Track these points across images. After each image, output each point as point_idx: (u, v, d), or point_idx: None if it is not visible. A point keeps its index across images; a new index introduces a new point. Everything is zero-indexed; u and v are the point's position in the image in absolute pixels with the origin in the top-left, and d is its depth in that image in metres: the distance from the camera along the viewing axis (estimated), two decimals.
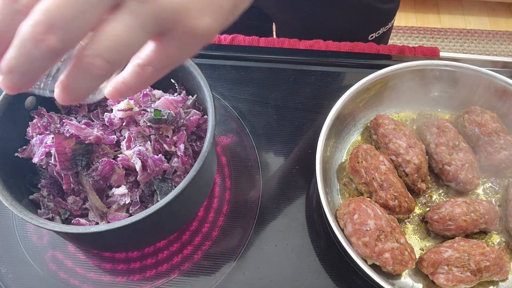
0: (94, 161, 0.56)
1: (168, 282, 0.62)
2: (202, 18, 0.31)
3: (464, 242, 0.60)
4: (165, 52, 0.32)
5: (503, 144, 0.66)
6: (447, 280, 0.58)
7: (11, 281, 0.62)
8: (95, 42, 0.28)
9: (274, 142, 0.74)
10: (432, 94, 0.74)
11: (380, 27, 0.95)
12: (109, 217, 0.57)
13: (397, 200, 0.62)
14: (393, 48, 0.84)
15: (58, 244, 0.65)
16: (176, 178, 0.59)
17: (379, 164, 0.64)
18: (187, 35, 0.32)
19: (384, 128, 0.68)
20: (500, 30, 2.20)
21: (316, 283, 0.62)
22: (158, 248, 0.65)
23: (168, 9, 0.30)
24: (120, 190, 0.57)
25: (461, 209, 0.61)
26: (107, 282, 0.62)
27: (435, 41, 2.18)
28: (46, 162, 0.57)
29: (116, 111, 0.59)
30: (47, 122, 0.60)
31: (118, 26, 0.28)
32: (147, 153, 0.57)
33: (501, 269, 0.59)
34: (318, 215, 0.67)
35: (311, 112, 0.77)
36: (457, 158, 0.66)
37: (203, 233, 0.66)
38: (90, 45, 0.28)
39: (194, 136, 0.63)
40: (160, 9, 0.29)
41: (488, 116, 0.69)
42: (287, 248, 0.64)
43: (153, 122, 0.58)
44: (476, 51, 2.14)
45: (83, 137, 0.56)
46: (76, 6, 0.27)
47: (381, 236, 0.57)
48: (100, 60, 0.29)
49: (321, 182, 0.60)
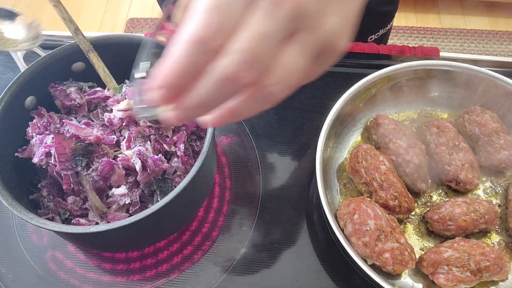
0: (94, 161, 0.56)
1: (168, 282, 0.62)
2: (346, 37, 0.35)
3: (464, 242, 0.60)
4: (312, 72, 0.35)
5: (503, 144, 0.66)
6: (447, 280, 0.58)
7: (11, 281, 0.62)
8: (273, 72, 0.30)
9: (274, 142, 0.74)
10: (432, 94, 0.74)
11: (379, 29, 0.95)
12: (109, 217, 0.57)
13: (397, 200, 0.62)
14: (393, 48, 0.84)
15: (58, 244, 0.65)
16: (176, 178, 0.59)
17: (379, 164, 0.64)
18: (335, 54, 0.35)
19: (384, 128, 0.68)
20: (500, 30, 2.20)
21: (316, 283, 0.62)
22: (158, 248, 0.65)
23: (328, 36, 0.33)
24: (120, 190, 0.57)
25: (461, 209, 0.61)
26: (107, 282, 0.62)
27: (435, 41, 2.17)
28: (46, 162, 0.57)
29: (116, 111, 0.59)
30: (47, 122, 0.60)
31: (292, 55, 0.31)
32: (147, 153, 0.57)
33: (501, 269, 0.59)
34: (318, 215, 0.67)
35: (311, 112, 0.77)
36: (457, 158, 0.66)
37: (203, 233, 0.66)
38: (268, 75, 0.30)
39: (194, 136, 0.63)
40: (323, 37, 0.33)
41: (488, 116, 0.69)
42: (287, 248, 0.64)
43: (153, 122, 0.58)
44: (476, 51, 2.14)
45: (83, 137, 0.56)
46: (269, 44, 0.29)
47: (381, 236, 0.57)
48: (277, 88, 0.31)
49: (321, 182, 0.60)
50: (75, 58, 0.63)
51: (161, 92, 0.30)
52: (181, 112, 0.31)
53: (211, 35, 0.28)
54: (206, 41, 0.28)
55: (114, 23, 2.28)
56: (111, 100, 0.62)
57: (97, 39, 0.63)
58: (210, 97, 0.30)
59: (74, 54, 0.62)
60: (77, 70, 0.65)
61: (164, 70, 0.29)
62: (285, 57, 0.31)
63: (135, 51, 0.58)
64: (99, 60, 0.63)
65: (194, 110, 0.31)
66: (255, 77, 0.29)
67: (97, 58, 0.62)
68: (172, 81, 0.29)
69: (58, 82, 0.64)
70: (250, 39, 0.29)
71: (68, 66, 0.64)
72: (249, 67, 0.29)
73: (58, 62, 0.62)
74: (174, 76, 0.29)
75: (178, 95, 0.30)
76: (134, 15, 2.30)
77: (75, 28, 0.60)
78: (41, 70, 0.61)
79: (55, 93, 0.63)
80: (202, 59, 0.29)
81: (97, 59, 0.62)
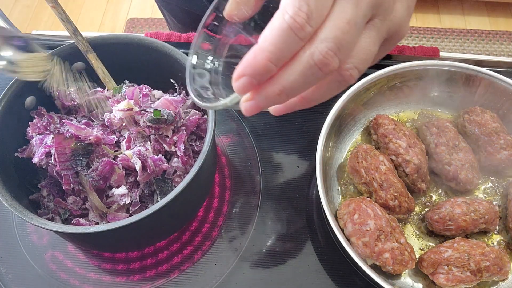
0: (94, 161, 0.56)
1: (168, 282, 0.62)
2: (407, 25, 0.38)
3: (464, 242, 0.60)
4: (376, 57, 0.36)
5: (503, 144, 0.66)
6: (447, 280, 0.58)
7: (11, 281, 0.62)
8: (352, 57, 0.32)
9: (274, 142, 0.74)
10: (432, 94, 0.74)
11: None
12: (109, 217, 0.57)
13: (397, 200, 0.62)
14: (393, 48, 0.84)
15: (58, 244, 0.65)
16: (176, 178, 0.59)
17: (379, 164, 0.64)
18: (397, 40, 0.38)
19: (384, 128, 0.68)
20: (500, 30, 2.20)
21: (316, 283, 0.62)
22: (158, 248, 0.65)
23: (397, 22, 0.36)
24: (120, 190, 0.57)
25: (461, 209, 0.61)
26: (107, 282, 0.62)
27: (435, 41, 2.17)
28: (46, 162, 0.57)
29: (116, 111, 0.59)
30: (47, 122, 0.60)
31: (368, 40, 0.33)
32: (147, 153, 0.57)
33: (501, 269, 0.59)
34: (318, 215, 0.67)
35: (311, 112, 0.76)
36: (457, 158, 0.66)
37: (203, 233, 0.66)
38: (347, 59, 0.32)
39: (194, 136, 0.63)
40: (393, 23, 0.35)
41: (488, 116, 0.69)
42: (287, 248, 0.64)
43: (153, 122, 0.58)
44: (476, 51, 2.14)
45: (83, 137, 0.56)
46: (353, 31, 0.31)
47: (381, 236, 0.57)
48: (354, 72, 0.33)
49: (321, 182, 0.60)
50: (75, 58, 0.63)
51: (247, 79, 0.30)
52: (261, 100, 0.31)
53: (303, 23, 0.29)
54: (298, 28, 0.29)
55: (114, 23, 2.28)
56: (111, 100, 0.62)
57: (96, 39, 0.63)
58: (295, 84, 0.31)
59: (74, 54, 0.62)
60: (77, 70, 0.65)
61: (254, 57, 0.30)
62: (362, 42, 0.32)
63: (134, 51, 0.58)
64: (97, 60, 0.63)
65: (276, 97, 0.31)
66: (339, 63, 0.31)
67: (96, 58, 0.62)
68: (261, 69, 0.30)
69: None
70: (337, 27, 0.30)
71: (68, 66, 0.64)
72: (336, 54, 0.30)
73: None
74: (263, 63, 0.29)
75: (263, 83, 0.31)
76: (134, 15, 2.30)
77: (73, 28, 0.60)
78: None
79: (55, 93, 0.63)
80: (293, 47, 0.30)
81: (96, 59, 0.62)
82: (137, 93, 0.62)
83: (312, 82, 0.32)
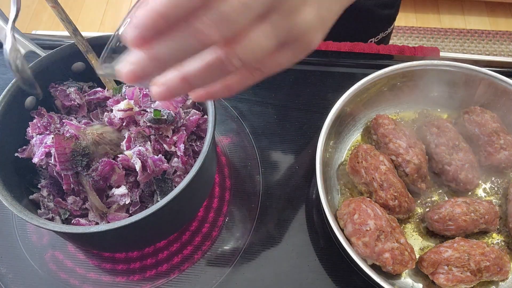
0: (94, 161, 0.56)
1: (168, 282, 0.62)
2: (317, 35, 0.36)
3: (464, 242, 0.60)
4: (278, 59, 0.36)
5: (503, 144, 0.66)
6: (447, 280, 0.58)
7: (11, 281, 0.62)
8: (239, 43, 0.32)
9: (274, 142, 0.74)
10: (432, 94, 0.74)
11: (379, 32, 0.95)
12: (109, 217, 0.57)
13: (397, 200, 0.62)
14: (393, 48, 0.84)
15: (58, 244, 0.65)
16: (176, 178, 0.59)
17: (379, 164, 0.64)
18: (303, 48, 0.36)
19: (384, 128, 0.68)
20: (500, 30, 2.20)
21: (316, 283, 0.62)
22: (158, 248, 0.65)
23: (300, 27, 0.34)
24: (120, 190, 0.57)
25: (461, 209, 0.61)
26: (107, 282, 0.62)
27: (435, 41, 2.17)
28: (46, 162, 0.57)
29: (116, 111, 0.59)
30: (47, 122, 0.60)
31: (260, 32, 0.32)
32: (147, 153, 0.57)
33: (501, 269, 0.59)
34: (318, 215, 0.67)
35: (311, 112, 0.77)
36: (457, 158, 0.66)
37: (203, 233, 0.66)
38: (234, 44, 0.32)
39: (194, 136, 0.63)
40: (295, 26, 0.34)
41: (488, 116, 0.69)
42: (287, 248, 0.64)
43: (153, 122, 0.58)
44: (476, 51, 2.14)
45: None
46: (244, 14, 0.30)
47: (381, 236, 0.57)
48: (239, 62, 0.32)
49: (321, 182, 0.60)
50: (75, 58, 0.63)
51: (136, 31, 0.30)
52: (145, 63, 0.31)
53: None
54: None
55: (114, 23, 2.27)
56: (111, 100, 0.62)
57: (96, 39, 0.63)
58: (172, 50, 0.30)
59: (74, 54, 0.62)
60: (77, 70, 0.65)
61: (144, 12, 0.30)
62: (253, 33, 0.32)
63: None
64: (97, 60, 0.63)
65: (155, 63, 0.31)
66: (220, 38, 0.30)
67: (96, 58, 0.62)
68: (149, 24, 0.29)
69: (58, 82, 0.64)
70: (229, 3, 0.29)
71: (68, 66, 0.64)
72: (218, 27, 0.30)
73: (58, 62, 0.62)
74: (153, 19, 0.29)
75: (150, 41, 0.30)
76: None
77: (73, 28, 0.60)
78: (41, 70, 0.61)
79: (55, 93, 0.63)
80: (183, 11, 0.29)
81: (96, 59, 0.62)
82: (137, 93, 0.62)
83: (188, 52, 0.31)
